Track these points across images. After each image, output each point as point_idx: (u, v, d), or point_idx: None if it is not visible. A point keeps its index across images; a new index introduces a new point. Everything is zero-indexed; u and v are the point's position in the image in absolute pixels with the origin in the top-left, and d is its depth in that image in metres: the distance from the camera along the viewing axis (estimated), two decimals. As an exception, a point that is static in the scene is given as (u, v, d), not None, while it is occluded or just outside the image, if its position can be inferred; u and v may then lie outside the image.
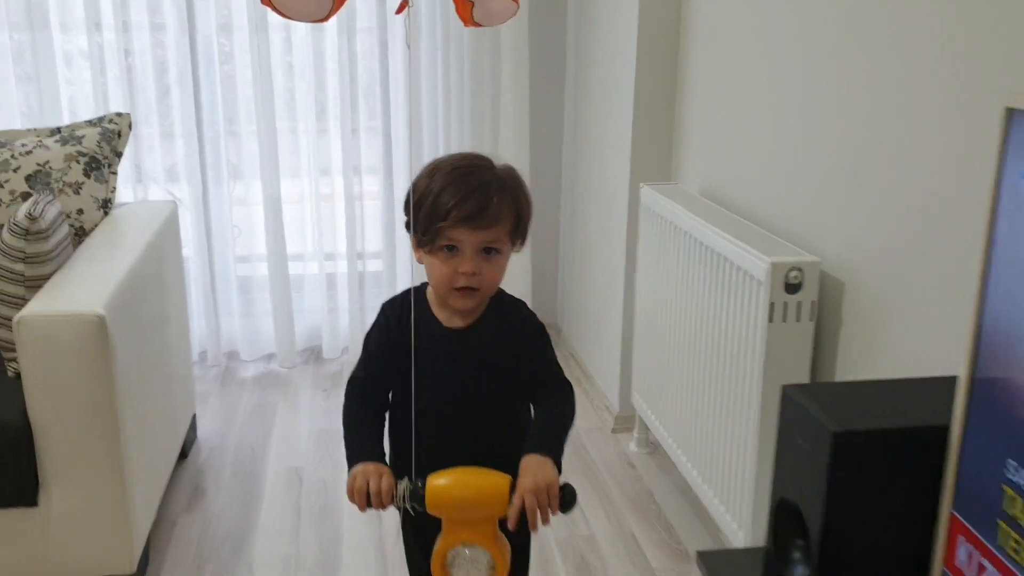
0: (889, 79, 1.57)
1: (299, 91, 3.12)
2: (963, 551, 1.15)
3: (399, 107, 3.16)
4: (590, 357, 3.09)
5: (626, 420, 2.76)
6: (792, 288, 1.72)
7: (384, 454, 1.32)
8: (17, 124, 2.96)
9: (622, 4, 2.59)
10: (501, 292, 1.40)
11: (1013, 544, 1.03)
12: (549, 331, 1.44)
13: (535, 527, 1.23)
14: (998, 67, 1.32)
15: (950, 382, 1.12)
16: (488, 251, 1.30)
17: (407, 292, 1.38)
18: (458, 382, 1.36)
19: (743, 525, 1.85)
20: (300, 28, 3.03)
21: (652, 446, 2.66)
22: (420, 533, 1.38)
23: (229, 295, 3.24)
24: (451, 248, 1.29)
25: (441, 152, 3.09)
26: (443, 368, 1.35)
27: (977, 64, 1.36)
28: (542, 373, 1.38)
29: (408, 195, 1.31)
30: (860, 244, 1.68)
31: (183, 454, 2.58)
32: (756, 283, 1.75)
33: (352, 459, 1.29)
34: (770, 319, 1.72)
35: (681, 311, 2.17)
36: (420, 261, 1.35)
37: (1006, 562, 1.03)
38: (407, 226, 1.34)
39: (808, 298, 1.73)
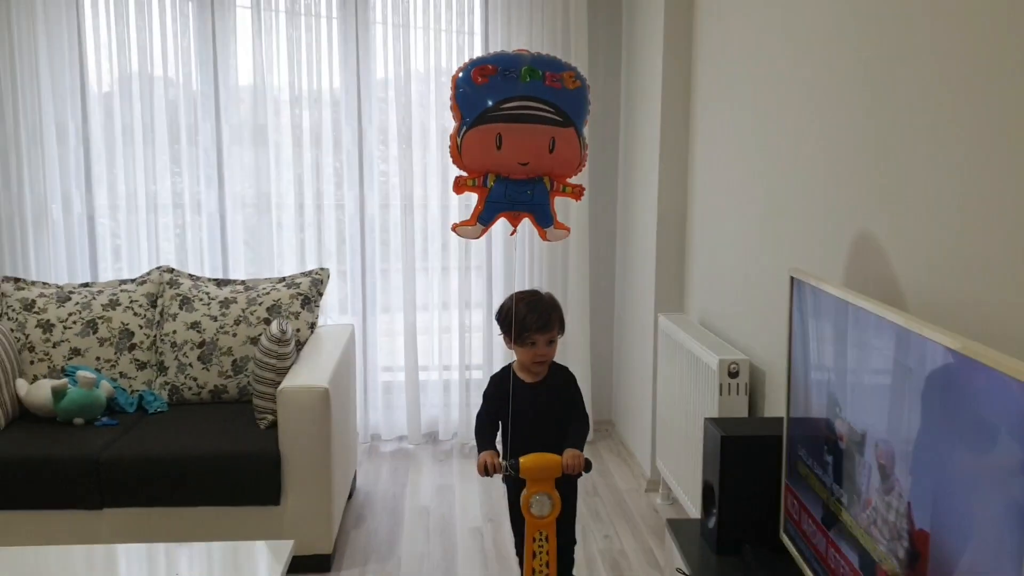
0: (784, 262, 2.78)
1: (432, 251, 4.47)
2: (790, 501, 2.28)
3: (498, 254, 4.46)
4: (632, 439, 4.24)
5: (655, 482, 3.88)
6: (733, 375, 2.89)
7: (495, 446, 2.55)
8: (242, 271, 4.39)
9: (648, 200, 3.88)
10: (556, 364, 2.65)
11: (815, 485, 2.16)
12: (605, 425, 2.69)
13: (573, 472, 2.43)
14: (787, 251, 2.52)
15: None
16: (549, 342, 2.56)
17: (504, 368, 2.65)
18: (532, 412, 2.59)
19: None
20: (433, 206, 4.41)
21: (672, 499, 3.76)
22: (514, 494, 2.58)
23: (376, 394, 4.53)
24: (532, 343, 2.55)
25: (527, 282, 4.43)
26: (524, 405, 2.59)
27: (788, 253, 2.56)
28: (574, 409, 2.61)
29: (502, 313, 2.60)
30: (771, 349, 2.85)
31: (349, 495, 3.80)
32: (712, 372, 2.93)
33: (480, 449, 2.54)
34: (720, 394, 2.89)
35: (679, 398, 3.33)
36: (510, 348, 2.61)
37: (803, 500, 2.16)
38: (503, 330, 2.60)
39: (743, 381, 2.89)
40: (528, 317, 2.56)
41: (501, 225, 2.72)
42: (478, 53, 4.29)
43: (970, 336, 1.50)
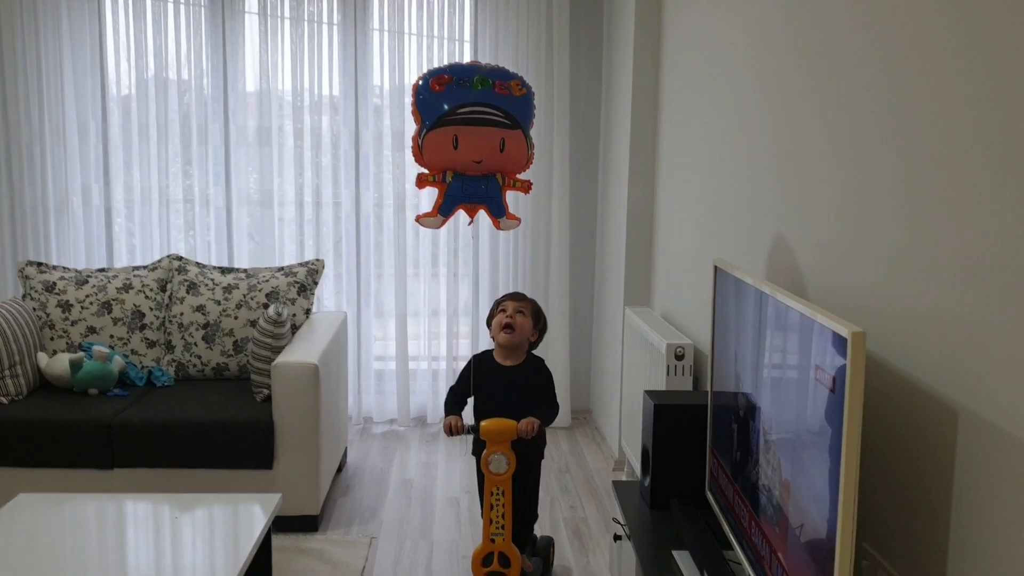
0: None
1: (422, 248, 4.81)
2: (713, 462, 2.59)
3: (484, 263, 4.80)
4: (604, 424, 4.55)
5: (621, 462, 4.20)
6: (679, 357, 3.20)
7: (460, 413, 2.88)
8: (246, 262, 4.73)
9: (620, 202, 4.20)
10: (531, 353, 2.97)
11: (727, 448, 2.47)
12: (584, 414, 3.05)
13: (527, 436, 2.75)
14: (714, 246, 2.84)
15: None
16: (518, 311, 2.89)
17: (483, 351, 2.99)
18: (503, 394, 2.92)
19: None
20: (424, 205, 4.74)
21: (635, 475, 4.07)
22: (478, 452, 2.90)
23: (369, 380, 4.87)
24: (503, 310, 2.90)
25: (511, 281, 4.75)
26: (497, 386, 2.92)
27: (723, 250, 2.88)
28: (544, 395, 2.93)
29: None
30: (708, 335, 3.16)
31: (339, 469, 4.13)
32: (661, 355, 3.25)
33: (447, 413, 2.88)
34: (667, 374, 3.20)
35: (639, 383, 3.65)
36: (488, 326, 2.95)
37: (721, 461, 2.47)
38: (488, 324, 2.96)
39: (688, 363, 3.21)
40: (504, 295, 2.97)
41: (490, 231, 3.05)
42: (468, 59, 4.64)
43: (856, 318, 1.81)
